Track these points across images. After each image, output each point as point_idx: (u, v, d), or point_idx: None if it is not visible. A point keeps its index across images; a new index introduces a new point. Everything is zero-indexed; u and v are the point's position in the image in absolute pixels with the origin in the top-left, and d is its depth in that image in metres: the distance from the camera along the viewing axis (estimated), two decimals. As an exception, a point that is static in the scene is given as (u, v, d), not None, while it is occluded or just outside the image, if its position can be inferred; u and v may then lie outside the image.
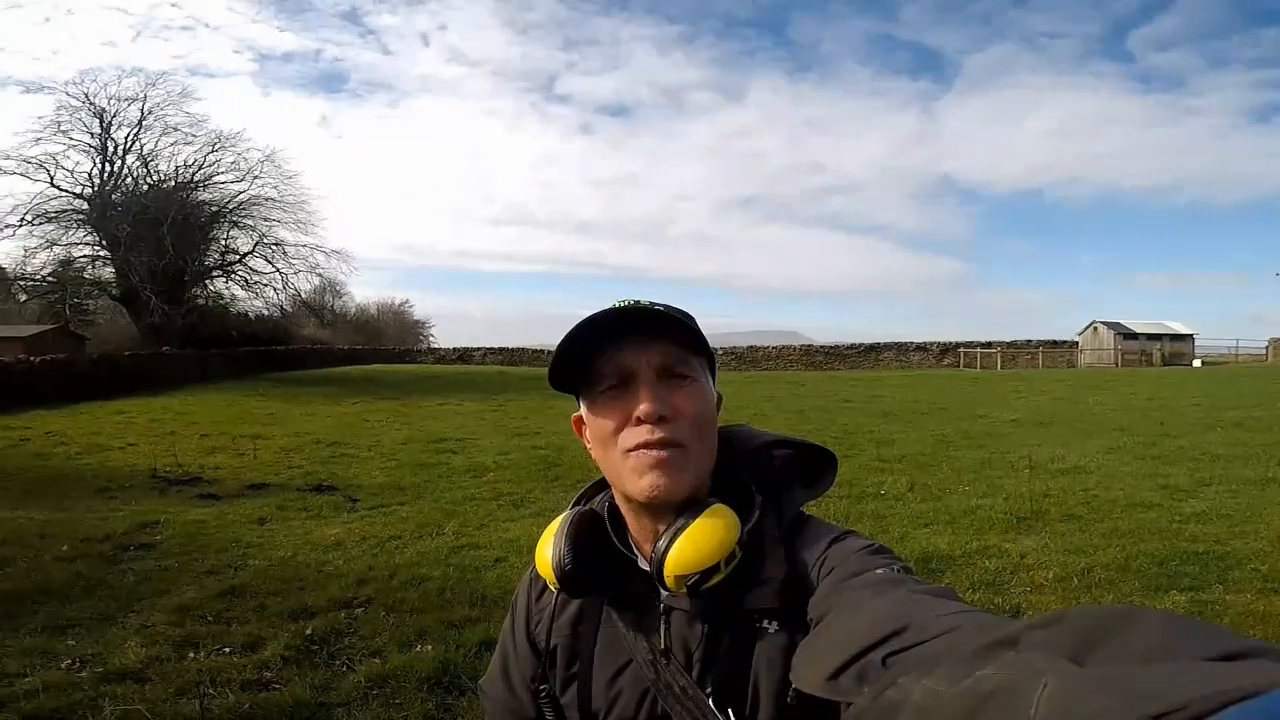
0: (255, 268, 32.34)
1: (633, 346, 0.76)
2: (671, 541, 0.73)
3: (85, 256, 30.15)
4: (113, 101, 29.56)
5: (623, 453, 0.76)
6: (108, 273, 30.38)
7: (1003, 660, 0.39)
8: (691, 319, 0.78)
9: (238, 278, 32.67)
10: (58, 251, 29.14)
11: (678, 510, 0.76)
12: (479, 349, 46.71)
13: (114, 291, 30.48)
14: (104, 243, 29.04)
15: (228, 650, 3.51)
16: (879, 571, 0.68)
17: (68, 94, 29.33)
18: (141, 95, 29.96)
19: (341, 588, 4.40)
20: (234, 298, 33.96)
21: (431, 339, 64.14)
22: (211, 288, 33.26)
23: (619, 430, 0.76)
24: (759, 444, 0.83)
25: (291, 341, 39.23)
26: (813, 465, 0.84)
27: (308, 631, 3.70)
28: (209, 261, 32.03)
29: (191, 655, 3.44)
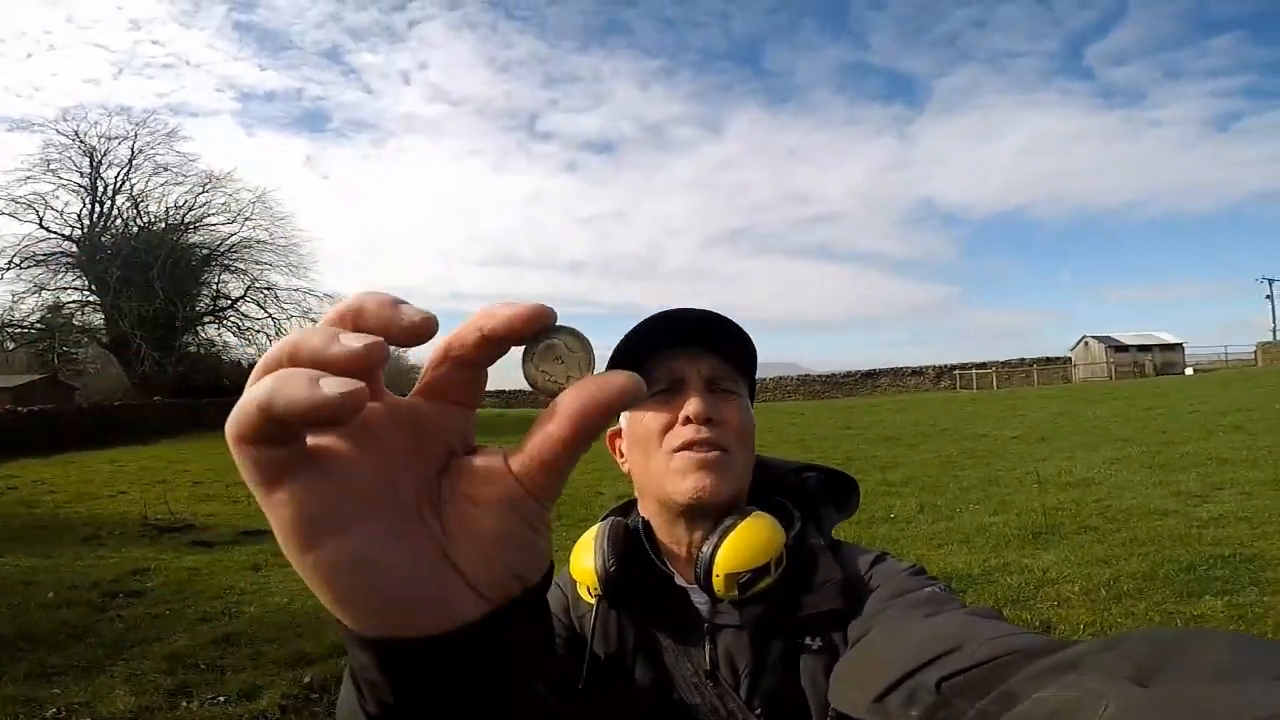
0: (247, 313, 32.15)
1: (685, 355, 0.77)
2: (721, 540, 0.71)
3: (74, 302, 29.87)
4: (103, 140, 29.47)
5: (667, 453, 0.75)
6: (97, 319, 30.10)
7: (1062, 683, 0.37)
8: (748, 336, 0.80)
9: (230, 324, 32.50)
10: (46, 296, 28.86)
11: (716, 518, 0.74)
12: (475, 389, 46.38)
13: (103, 339, 30.17)
14: (93, 287, 28.79)
15: (222, 700, 3.36)
16: (926, 591, 0.68)
17: (58, 131, 29.23)
18: (132, 134, 29.93)
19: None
20: (226, 345, 33.72)
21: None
22: (203, 335, 33.04)
23: (665, 431, 0.76)
24: (790, 468, 0.86)
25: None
26: (839, 489, 0.86)
27: (306, 680, 3.55)
28: (200, 307, 31.86)
29: (184, 704, 3.30)
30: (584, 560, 0.76)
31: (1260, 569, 4.46)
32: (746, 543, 0.71)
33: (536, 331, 0.30)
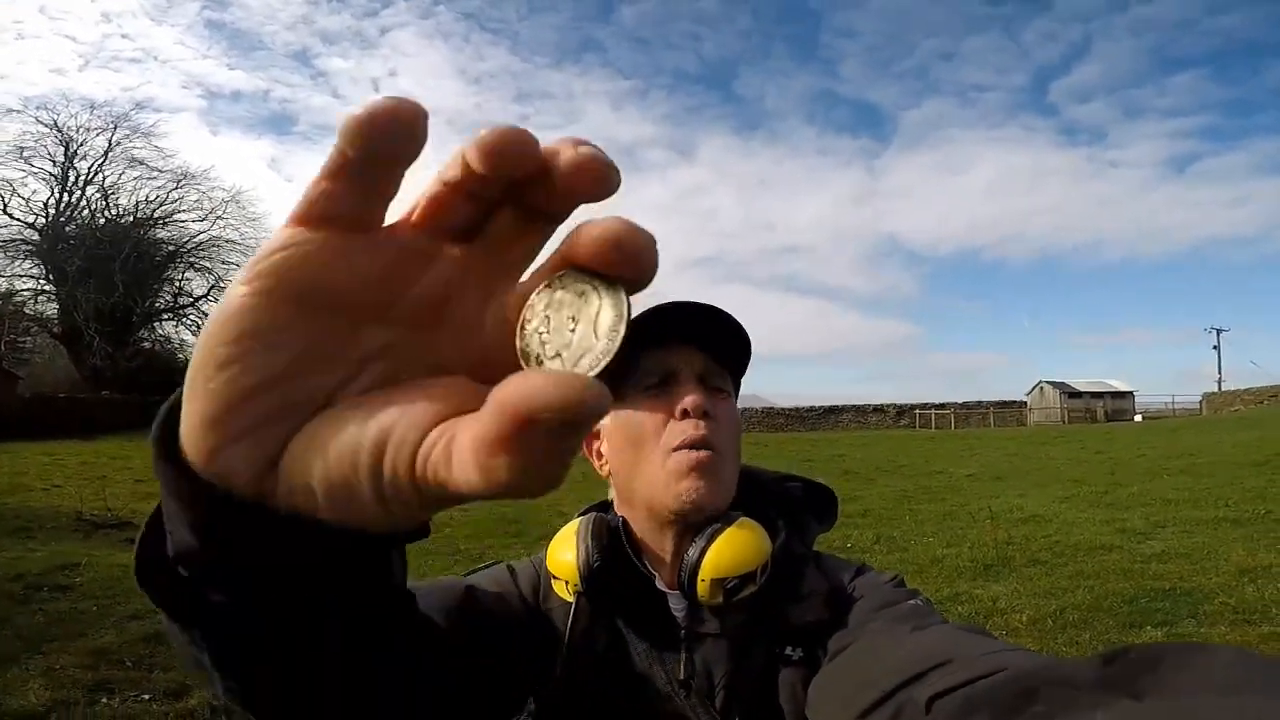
0: (208, 312, 31.30)
1: (678, 351, 0.74)
2: (709, 543, 0.69)
3: (28, 290, 28.91)
4: (81, 131, 28.97)
5: (665, 452, 0.71)
6: (51, 309, 29.13)
7: (1054, 698, 0.37)
8: (743, 329, 0.76)
9: (189, 322, 31.64)
10: (0, 283, 27.92)
11: (704, 529, 0.71)
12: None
13: (54, 329, 29.13)
14: (51, 276, 27.91)
15: (146, 697, 3.21)
16: (910, 604, 0.66)
17: (37, 120, 28.67)
18: (110, 126, 29.46)
19: (280, 634, 4.09)
20: (183, 343, 32.76)
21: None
22: (160, 331, 32.07)
23: (661, 428, 0.72)
24: (772, 476, 0.83)
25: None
26: (820, 501, 0.84)
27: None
28: (160, 303, 31.00)
29: (104, 700, 3.15)
30: (563, 554, 0.72)
31: (1198, 602, 4.61)
32: (734, 548, 0.68)
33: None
